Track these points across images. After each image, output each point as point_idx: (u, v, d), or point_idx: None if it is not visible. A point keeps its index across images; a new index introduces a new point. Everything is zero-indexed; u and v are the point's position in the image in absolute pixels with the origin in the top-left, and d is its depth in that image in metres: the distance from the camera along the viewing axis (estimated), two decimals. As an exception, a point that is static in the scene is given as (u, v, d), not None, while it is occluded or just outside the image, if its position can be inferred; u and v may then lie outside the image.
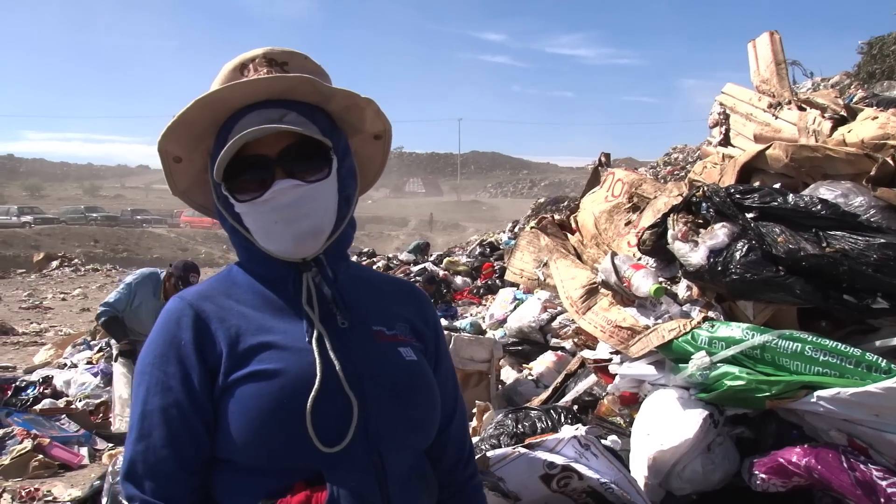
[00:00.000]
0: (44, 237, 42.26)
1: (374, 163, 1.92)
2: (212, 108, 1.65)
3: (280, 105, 1.64)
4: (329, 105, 1.73)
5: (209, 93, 1.64)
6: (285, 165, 1.60)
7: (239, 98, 1.65)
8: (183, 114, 1.63)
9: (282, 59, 1.71)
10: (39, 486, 6.61)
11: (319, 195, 1.64)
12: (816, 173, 3.69)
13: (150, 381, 1.60)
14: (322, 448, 1.53)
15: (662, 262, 3.84)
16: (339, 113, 1.76)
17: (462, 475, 1.91)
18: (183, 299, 1.67)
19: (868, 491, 2.75)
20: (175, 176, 1.76)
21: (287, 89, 1.66)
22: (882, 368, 2.84)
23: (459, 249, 22.40)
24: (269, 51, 1.72)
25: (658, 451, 3.19)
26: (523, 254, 5.31)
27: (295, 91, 1.67)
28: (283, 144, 1.61)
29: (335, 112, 1.75)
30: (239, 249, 1.74)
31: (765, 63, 5.20)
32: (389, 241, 48.92)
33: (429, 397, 1.76)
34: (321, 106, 1.72)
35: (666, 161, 28.28)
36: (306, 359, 1.59)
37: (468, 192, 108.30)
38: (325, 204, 1.66)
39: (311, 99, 1.70)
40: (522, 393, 6.45)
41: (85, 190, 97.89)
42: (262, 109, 1.62)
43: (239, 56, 1.73)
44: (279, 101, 1.65)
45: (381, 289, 1.88)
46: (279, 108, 1.63)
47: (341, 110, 1.76)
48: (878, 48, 17.06)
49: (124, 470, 1.59)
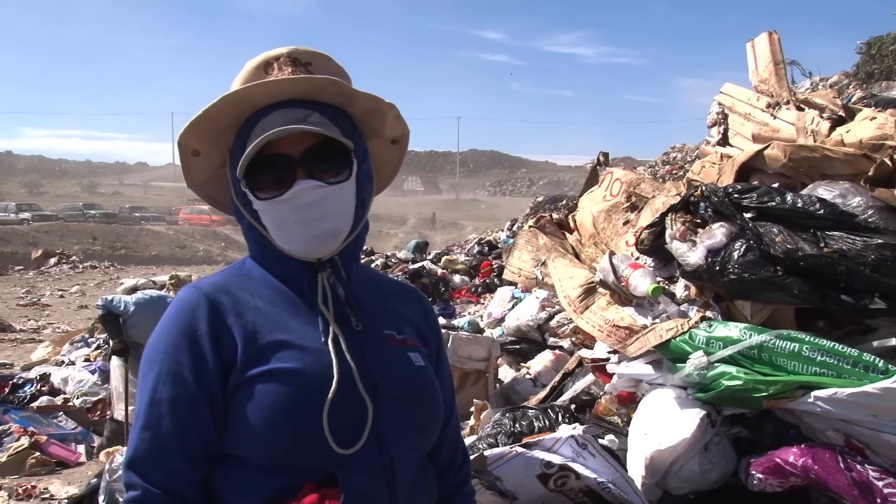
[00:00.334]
0: (42, 234, 42.24)
1: (389, 166, 1.93)
2: (236, 105, 1.66)
3: (304, 105, 1.64)
4: (351, 108, 1.74)
5: (237, 90, 1.65)
6: (307, 166, 1.60)
7: (264, 96, 1.65)
8: (209, 109, 1.64)
9: (306, 60, 1.71)
10: (36, 483, 6.61)
11: (339, 197, 1.64)
12: (815, 173, 3.69)
13: (160, 370, 1.58)
14: (337, 449, 1.53)
15: (660, 262, 3.84)
16: (360, 116, 1.76)
17: (454, 480, 1.91)
18: (199, 289, 1.66)
19: (864, 491, 2.76)
20: (192, 169, 1.77)
21: (313, 90, 1.67)
22: (879, 369, 2.84)
23: (458, 248, 22.40)
24: (293, 50, 1.72)
25: (655, 451, 3.19)
26: (521, 253, 5.32)
27: (320, 92, 1.67)
28: (306, 145, 1.61)
29: (357, 115, 1.75)
30: (254, 245, 1.74)
31: (763, 63, 5.21)
32: (388, 239, 48.87)
33: (436, 403, 1.77)
34: (343, 108, 1.72)
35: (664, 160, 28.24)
36: (323, 359, 1.59)
37: (467, 191, 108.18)
38: (345, 206, 1.66)
39: (336, 101, 1.70)
40: (520, 392, 6.45)
41: (83, 187, 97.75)
42: (286, 109, 1.63)
43: (263, 54, 1.73)
44: (303, 101, 1.66)
45: (387, 291, 1.88)
46: (303, 108, 1.63)
47: (363, 113, 1.76)
48: (877, 48, 17.04)
49: (128, 457, 1.58)
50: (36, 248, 36.72)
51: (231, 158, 1.69)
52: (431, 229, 52.30)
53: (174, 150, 1.77)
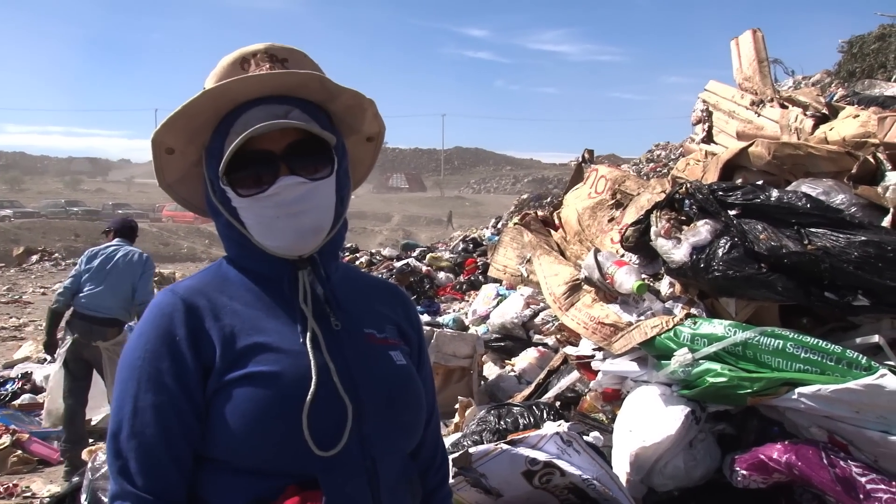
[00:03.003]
0: (24, 231, 41.86)
1: (364, 164, 1.91)
2: (216, 101, 1.63)
3: (284, 101, 1.62)
4: (331, 104, 1.72)
5: (219, 84, 1.61)
6: (289, 162, 1.59)
7: (244, 92, 1.62)
8: (188, 105, 1.61)
9: (282, 56, 1.69)
10: (18, 481, 6.58)
11: (321, 193, 1.62)
12: (798, 171, 3.71)
13: (140, 377, 1.56)
14: (317, 451, 1.52)
15: (645, 259, 3.85)
16: (339, 113, 1.74)
17: (433, 480, 1.90)
18: (175, 293, 1.64)
19: (847, 487, 2.77)
20: (165, 168, 1.73)
21: (296, 86, 1.65)
22: (862, 365, 2.86)
23: (442, 245, 22.41)
24: (270, 46, 1.70)
25: (640, 448, 3.20)
26: (506, 250, 5.32)
27: (303, 88, 1.65)
28: (288, 141, 1.59)
29: (336, 112, 1.74)
30: (232, 245, 1.71)
31: (747, 61, 5.23)
32: (373, 236, 48.79)
33: (417, 402, 1.75)
34: (323, 105, 1.71)
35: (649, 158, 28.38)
36: (302, 361, 1.57)
37: (452, 188, 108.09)
38: (327, 202, 1.65)
39: (317, 97, 1.68)
40: (505, 389, 6.46)
41: (66, 184, 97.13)
42: (266, 105, 1.61)
43: (238, 50, 1.70)
44: (282, 97, 1.64)
45: (368, 290, 1.86)
46: (283, 104, 1.61)
47: (343, 110, 1.74)
48: (859, 47, 17.20)
49: (117, 466, 1.55)
50: (17, 245, 36.38)
51: (208, 156, 1.66)
52: (449, 228, 51.30)
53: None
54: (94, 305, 6.95)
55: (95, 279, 7.01)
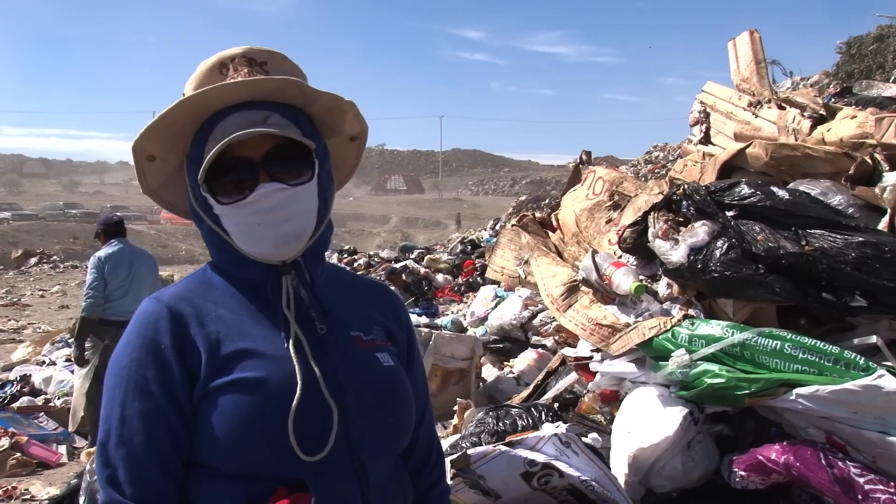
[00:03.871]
0: (22, 234, 41.89)
1: (348, 164, 1.90)
2: (194, 109, 1.62)
3: (263, 107, 1.61)
4: (311, 107, 1.71)
5: (195, 93, 1.60)
6: (269, 168, 1.58)
7: (222, 99, 1.61)
8: (165, 114, 1.60)
9: (261, 59, 1.68)
10: (17, 484, 6.56)
11: (302, 198, 1.62)
12: (796, 172, 3.71)
13: (126, 385, 1.56)
14: (303, 457, 1.52)
15: (643, 260, 3.85)
16: (319, 115, 1.73)
17: (427, 480, 1.90)
18: (159, 301, 1.64)
19: (846, 488, 2.77)
20: (147, 175, 1.72)
21: (273, 91, 1.63)
22: (860, 366, 2.86)
23: (440, 247, 22.42)
24: (248, 49, 1.69)
25: (638, 449, 3.20)
26: (504, 251, 5.32)
27: (281, 93, 1.64)
28: (267, 147, 1.58)
29: (316, 114, 1.73)
30: (216, 251, 1.71)
31: (745, 62, 5.24)
32: (371, 238, 48.82)
33: (406, 403, 1.75)
34: (303, 108, 1.70)
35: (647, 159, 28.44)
36: (287, 367, 1.57)
37: (450, 190, 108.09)
38: (308, 207, 1.64)
39: (296, 101, 1.67)
40: (503, 390, 6.47)
41: (64, 186, 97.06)
42: (245, 111, 1.60)
43: (216, 55, 1.69)
44: (261, 102, 1.63)
45: (355, 291, 1.86)
46: (262, 109, 1.61)
47: (323, 112, 1.73)
48: (857, 48, 17.25)
49: (105, 475, 1.55)
50: (16, 247, 36.39)
51: (189, 163, 1.66)
52: (458, 231, 51.12)
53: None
54: (123, 312, 7.29)
55: (122, 287, 7.53)
